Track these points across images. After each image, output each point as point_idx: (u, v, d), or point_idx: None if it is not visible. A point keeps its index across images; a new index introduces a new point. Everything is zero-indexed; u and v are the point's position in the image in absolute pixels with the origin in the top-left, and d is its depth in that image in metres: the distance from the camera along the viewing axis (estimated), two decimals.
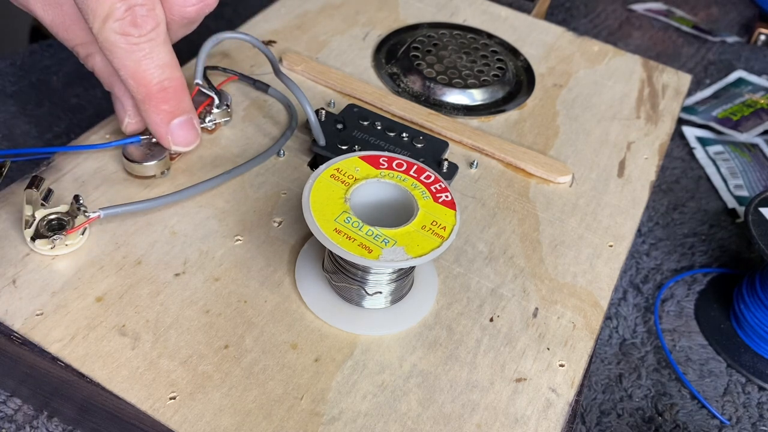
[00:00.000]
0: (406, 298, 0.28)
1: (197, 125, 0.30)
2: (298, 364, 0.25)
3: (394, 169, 0.27)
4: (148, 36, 0.26)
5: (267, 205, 0.31)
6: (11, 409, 0.28)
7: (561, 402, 0.25)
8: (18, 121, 0.42)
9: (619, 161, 0.36)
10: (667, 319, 0.38)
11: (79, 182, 0.30)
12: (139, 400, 0.23)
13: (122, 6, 0.26)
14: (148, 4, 0.26)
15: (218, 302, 0.27)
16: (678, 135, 0.52)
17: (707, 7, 0.69)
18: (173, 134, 0.29)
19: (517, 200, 0.33)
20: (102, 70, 0.30)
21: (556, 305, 0.29)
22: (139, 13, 0.26)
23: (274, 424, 0.23)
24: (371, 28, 0.42)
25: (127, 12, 0.26)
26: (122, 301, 0.26)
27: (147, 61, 0.27)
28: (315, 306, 0.27)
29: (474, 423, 0.24)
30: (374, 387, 0.25)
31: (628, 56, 0.44)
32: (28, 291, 0.26)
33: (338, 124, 0.34)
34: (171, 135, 0.29)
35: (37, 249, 0.27)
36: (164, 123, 0.28)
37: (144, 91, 0.28)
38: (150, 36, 0.27)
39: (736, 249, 0.43)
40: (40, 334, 0.25)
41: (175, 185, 0.30)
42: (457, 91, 0.38)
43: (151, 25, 0.26)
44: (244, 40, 0.34)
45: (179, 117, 0.29)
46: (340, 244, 0.24)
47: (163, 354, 0.25)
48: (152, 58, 0.27)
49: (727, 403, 0.35)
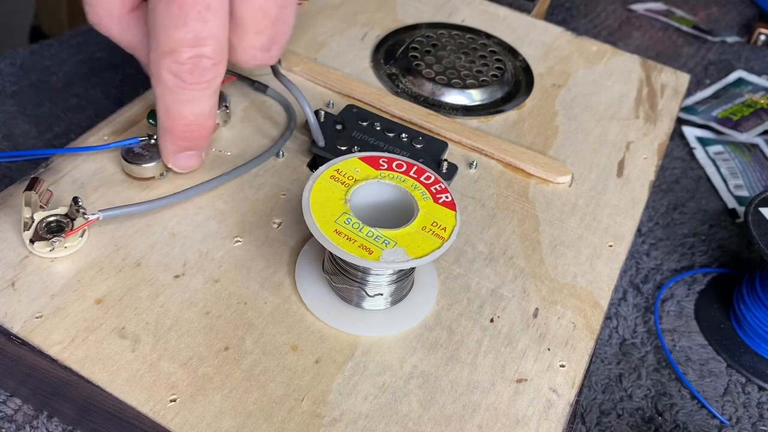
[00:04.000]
0: (407, 299, 0.28)
1: (204, 157, 0.30)
2: (298, 365, 0.25)
3: (394, 170, 0.27)
4: (200, 86, 0.26)
5: (266, 206, 0.30)
6: (11, 409, 0.28)
7: (562, 402, 0.25)
8: (18, 121, 0.42)
9: (618, 161, 0.36)
10: (667, 319, 0.38)
11: (78, 184, 0.30)
12: (139, 403, 0.23)
13: (189, 52, 0.24)
14: (216, 58, 0.25)
15: (218, 304, 0.26)
16: (678, 135, 0.52)
17: (707, 7, 0.69)
18: (177, 160, 0.29)
19: (517, 200, 0.33)
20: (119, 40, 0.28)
21: (556, 305, 0.29)
22: (204, 65, 0.25)
23: (275, 426, 0.23)
24: (370, 28, 0.42)
25: (192, 60, 0.25)
26: (122, 303, 0.26)
27: (187, 106, 0.26)
28: (315, 307, 0.27)
29: (475, 424, 0.24)
30: (375, 388, 0.25)
31: (626, 56, 0.44)
32: (27, 293, 0.26)
33: (337, 124, 0.34)
34: (175, 160, 0.29)
35: (36, 251, 0.27)
36: (173, 153, 0.29)
37: (170, 126, 0.27)
38: (202, 87, 0.26)
39: (736, 249, 0.43)
40: (40, 336, 0.25)
41: (174, 187, 0.30)
42: (456, 91, 0.38)
43: (209, 77, 0.25)
44: None
45: (190, 152, 0.29)
46: (341, 245, 0.24)
47: (163, 356, 0.25)
48: (193, 105, 0.26)
49: (727, 403, 0.35)
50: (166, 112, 0.27)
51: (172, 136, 0.28)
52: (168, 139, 0.28)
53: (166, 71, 0.25)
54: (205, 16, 0.24)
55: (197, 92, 0.26)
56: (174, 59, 0.25)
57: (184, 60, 0.25)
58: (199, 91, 0.26)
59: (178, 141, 0.28)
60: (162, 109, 0.27)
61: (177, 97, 0.26)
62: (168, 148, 0.29)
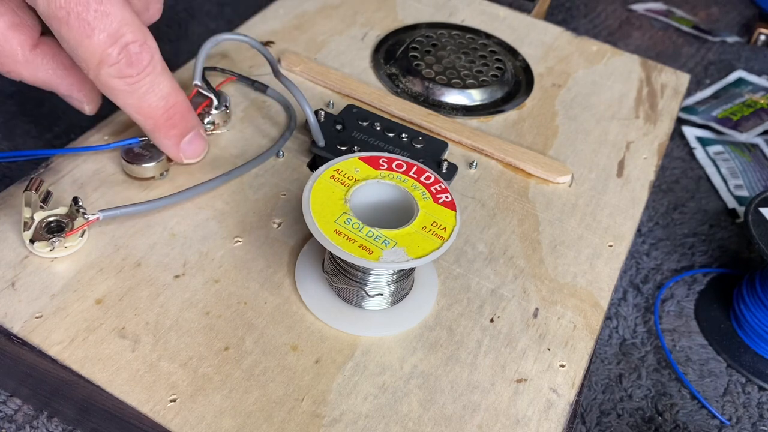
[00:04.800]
0: (407, 299, 0.28)
1: (204, 134, 0.30)
2: (298, 365, 0.25)
3: (393, 170, 0.27)
4: (145, 71, 0.26)
5: (266, 206, 0.30)
6: (11, 409, 0.28)
7: (562, 402, 0.25)
8: (18, 121, 0.42)
9: (618, 161, 0.36)
10: (667, 319, 0.38)
11: (78, 184, 0.30)
12: (139, 403, 0.23)
13: (114, 50, 0.25)
14: (139, 38, 0.25)
15: (218, 304, 0.26)
16: (678, 135, 0.52)
17: (707, 7, 0.69)
18: (184, 151, 0.30)
19: (517, 200, 0.33)
20: (31, 80, 0.28)
21: (556, 305, 0.29)
22: (133, 51, 0.25)
23: (275, 426, 0.23)
24: (370, 28, 0.42)
25: (121, 54, 0.25)
26: (122, 303, 0.26)
27: (150, 95, 0.27)
28: (315, 307, 0.27)
29: (475, 424, 0.24)
30: (375, 388, 0.25)
31: (626, 56, 0.44)
32: (27, 293, 0.26)
33: (337, 124, 0.34)
34: (182, 152, 0.30)
35: (36, 251, 0.27)
36: (175, 145, 0.29)
37: (152, 123, 0.28)
38: (147, 71, 0.26)
39: (736, 249, 0.43)
40: (40, 336, 0.25)
41: (174, 187, 0.30)
42: (456, 91, 0.38)
43: (147, 59, 0.26)
44: (242, 41, 0.34)
45: (188, 135, 0.29)
46: (341, 245, 0.24)
47: (163, 356, 0.25)
48: (154, 91, 0.27)
49: (727, 403, 0.35)
50: (138, 112, 0.27)
51: (160, 131, 0.28)
52: (160, 136, 0.29)
53: (109, 79, 0.25)
54: (103, 11, 0.24)
55: (148, 77, 0.26)
56: (107, 64, 0.25)
57: (116, 59, 0.25)
58: (148, 75, 0.26)
59: (169, 131, 0.28)
60: (134, 114, 0.27)
61: (136, 94, 0.26)
62: (166, 145, 0.29)
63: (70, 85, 0.29)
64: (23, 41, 0.26)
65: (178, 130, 0.29)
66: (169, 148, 0.29)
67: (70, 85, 0.29)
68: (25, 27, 0.26)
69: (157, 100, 0.27)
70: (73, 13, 0.24)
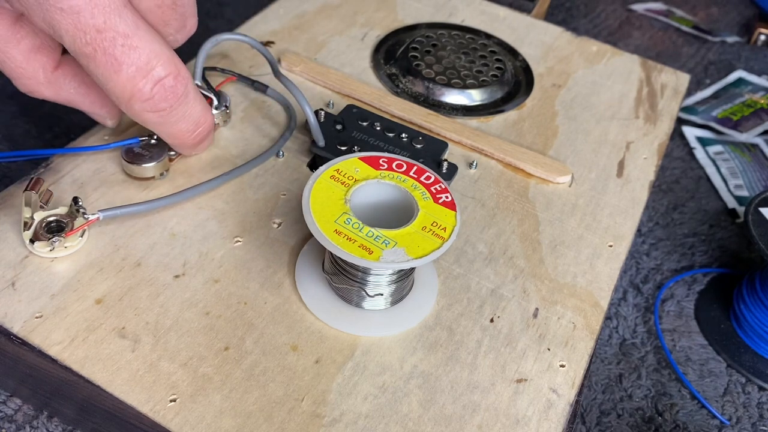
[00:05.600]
0: (407, 299, 0.28)
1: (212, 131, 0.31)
2: (298, 365, 0.25)
3: (393, 170, 0.27)
4: (179, 102, 0.26)
5: (266, 206, 0.30)
6: (11, 409, 0.28)
7: (562, 402, 0.25)
8: (18, 121, 0.42)
9: (618, 161, 0.36)
10: (667, 319, 0.38)
11: (78, 184, 0.30)
12: (139, 403, 0.23)
13: (147, 85, 0.24)
14: (172, 71, 0.25)
15: (218, 304, 0.26)
16: (678, 135, 0.52)
17: (707, 7, 0.69)
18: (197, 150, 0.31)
19: (517, 200, 0.33)
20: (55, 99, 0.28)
21: (556, 305, 0.29)
22: (168, 84, 0.25)
23: (275, 426, 0.23)
24: (370, 28, 0.42)
25: (155, 89, 0.24)
26: (122, 303, 0.26)
27: (182, 123, 0.27)
28: (315, 307, 0.27)
29: (475, 424, 0.24)
30: (375, 388, 0.25)
31: (626, 56, 0.44)
32: (28, 293, 0.26)
33: (337, 124, 0.34)
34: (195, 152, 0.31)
35: (36, 251, 0.27)
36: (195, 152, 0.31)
37: (179, 142, 0.28)
38: (180, 101, 0.26)
39: (736, 249, 0.43)
40: (40, 336, 0.25)
41: (174, 187, 0.30)
42: (456, 91, 0.38)
43: (181, 90, 0.25)
44: (242, 41, 0.34)
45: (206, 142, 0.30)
46: (341, 245, 0.24)
47: (163, 356, 0.25)
48: (186, 119, 0.27)
49: (727, 403, 0.35)
50: (170, 137, 0.28)
51: (187, 146, 0.29)
52: (186, 149, 0.30)
53: (143, 113, 0.25)
54: (130, 45, 0.23)
55: (181, 107, 0.26)
56: (140, 99, 0.24)
57: (148, 94, 0.24)
58: (182, 106, 0.26)
59: (195, 145, 0.29)
60: (166, 137, 0.28)
61: (170, 122, 0.26)
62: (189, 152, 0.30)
63: (92, 102, 0.29)
64: (45, 63, 0.26)
65: (203, 145, 0.30)
66: (186, 151, 0.30)
67: (92, 103, 0.29)
68: (46, 49, 0.26)
69: (189, 124, 0.27)
70: (99, 49, 0.23)
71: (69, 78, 0.27)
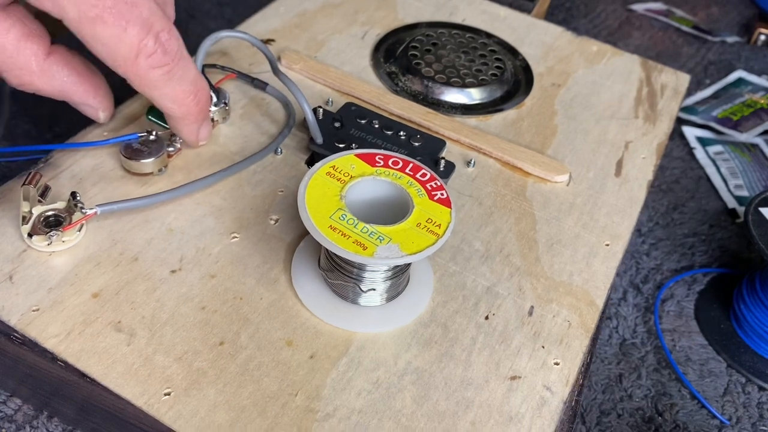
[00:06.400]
0: (402, 295, 0.28)
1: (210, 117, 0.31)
2: (293, 360, 0.25)
3: (389, 167, 0.27)
4: (177, 56, 0.26)
5: (264, 202, 0.31)
6: (11, 409, 0.28)
7: (555, 400, 0.25)
8: (18, 121, 0.42)
9: (616, 161, 0.36)
10: (667, 319, 0.38)
11: (77, 179, 0.30)
12: (133, 396, 0.23)
13: (149, 40, 0.25)
14: (166, 26, 0.25)
15: (214, 299, 0.27)
16: (678, 135, 0.51)
17: (707, 7, 0.69)
18: (201, 135, 0.30)
19: (514, 199, 0.33)
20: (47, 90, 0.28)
21: (551, 304, 0.29)
22: (164, 39, 0.25)
23: (269, 421, 0.23)
24: (370, 27, 0.42)
25: (157, 43, 0.25)
26: (118, 297, 0.26)
27: (183, 81, 0.27)
28: (311, 303, 0.27)
29: (468, 420, 0.24)
30: (369, 384, 0.25)
31: (626, 56, 0.44)
32: (25, 287, 0.26)
33: (336, 122, 0.34)
34: (199, 137, 0.30)
35: (33, 245, 0.27)
36: (195, 132, 0.30)
37: (184, 110, 0.28)
38: (178, 56, 0.26)
39: (736, 249, 0.43)
40: (37, 329, 0.25)
41: (172, 182, 0.30)
42: (455, 90, 0.38)
43: (176, 45, 0.26)
44: (242, 39, 0.34)
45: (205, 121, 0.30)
46: (335, 241, 0.24)
47: (159, 350, 0.25)
48: (186, 76, 0.27)
49: (727, 403, 0.34)
50: (175, 101, 0.27)
51: (189, 119, 0.29)
52: (187, 123, 0.29)
53: (148, 70, 0.25)
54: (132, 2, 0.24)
55: (180, 62, 0.26)
56: (146, 55, 0.25)
57: (152, 48, 0.25)
58: (180, 61, 0.26)
59: (199, 116, 0.29)
60: (169, 104, 0.27)
61: (171, 82, 0.26)
62: (189, 130, 0.30)
63: (84, 92, 0.29)
64: (36, 51, 0.26)
65: (204, 114, 0.29)
66: (191, 134, 0.30)
67: (84, 92, 0.29)
68: (36, 36, 0.26)
69: (189, 84, 0.27)
70: (106, 9, 0.24)
71: (61, 66, 0.27)
